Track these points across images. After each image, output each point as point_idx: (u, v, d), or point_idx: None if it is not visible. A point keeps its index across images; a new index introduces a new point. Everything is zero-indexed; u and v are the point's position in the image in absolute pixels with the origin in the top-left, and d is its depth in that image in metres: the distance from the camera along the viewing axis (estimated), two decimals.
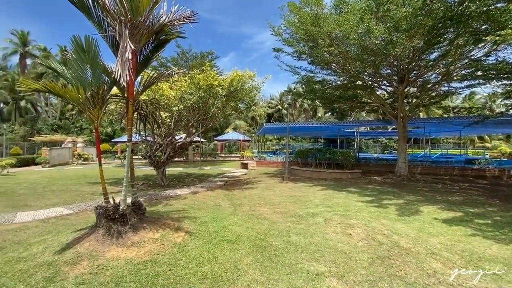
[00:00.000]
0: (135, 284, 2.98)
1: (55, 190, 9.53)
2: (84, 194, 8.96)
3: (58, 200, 8.06)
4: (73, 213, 6.44)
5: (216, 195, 8.78)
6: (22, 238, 4.79)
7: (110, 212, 3.93)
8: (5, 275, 3.16)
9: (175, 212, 6.16)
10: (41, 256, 3.58)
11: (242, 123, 42.20)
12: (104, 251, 3.58)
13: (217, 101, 10.35)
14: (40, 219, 5.94)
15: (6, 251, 4.06)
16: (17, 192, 9.25)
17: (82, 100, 3.45)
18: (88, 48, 3.56)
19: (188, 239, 4.26)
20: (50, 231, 5.12)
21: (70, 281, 2.96)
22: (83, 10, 3.84)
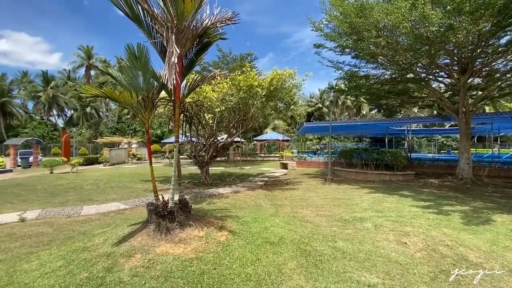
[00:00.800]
0: (182, 281, 3.07)
1: (114, 187, 10.60)
2: (137, 190, 9.77)
3: (116, 195, 8.92)
4: (129, 208, 7.04)
5: (257, 195, 8.79)
6: (87, 229, 5.39)
7: (159, 209, 4.16)
8: (72, 263, 3.54)
9: (218, 211, 6.31)
10: (101, 247, 3.95)
11: (281, 122, 41.91)
12: (155, 246, 3.79)
13: (257, 101, 10.38)
14: (101, 213, 6.63)
15: (73, 241, 4.59)
16: (84, 188, 10.52)
17: (135, 104, 3.72)
18: (140, 55, 3.82)
19: (231, 239, 4.28)
20: (109, 224, 5.67)
21: (126, 273, 3.19)
22: (135, 20, 4.13)
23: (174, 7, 3.76)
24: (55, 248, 4.30)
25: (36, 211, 6.60)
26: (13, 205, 7.47)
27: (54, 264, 3.54)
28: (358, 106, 46.23)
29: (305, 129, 20.53)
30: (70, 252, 3.89)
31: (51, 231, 5.29)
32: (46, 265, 3.55)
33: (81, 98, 44.00)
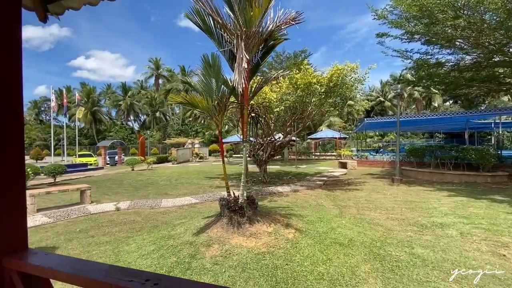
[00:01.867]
0: (257, 272, 3.27)
1: (184, 183, 11.76)
2: (204, 186, 10.65)
3: (186, 190, 9.90)
4: (199, 202, 7.75)
5: (317, 195, 8.64)
6: (167, 219, 6.14)
7: (231, 204, 4.48)
8: (162, 248, 4.10)
9: (281, 209, 6.43)
10: (183, 236, 4.47)
11: (337, 119, 39.96)
12: (229, 238, 4.11)
13: (315, 98, 10.17)
14: (177, 206, 7.46)
15: (159, 229, 5.29)
16: (159, 183, 11.96)
17: (210, 108, 4.11)
18: (213, 63, 4.20)
19: (299, 237, 4.34)
20: (185, 216, 6.35)
21: (207, 260, 3.55)
22: (206, 32, 4.54)
23: (242, 15, 4.01)
24: (145, 234, 5.04)
25: (126, 202, 7.82)
26: (109, 197, 8.99)
27: (148, 248, 4.17)
28: (428, 98, 40.92)
29: (365, 125, 19.17)
30: (159, 239, 4.51)
31: (140, 220, 6.20)
32: (142, 248, 4.20)
33: (152, 104, 50.03)
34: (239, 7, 4.05)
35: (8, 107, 1.30)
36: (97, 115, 48.98)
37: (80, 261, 1.28)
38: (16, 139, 1.36)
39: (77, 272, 1.18)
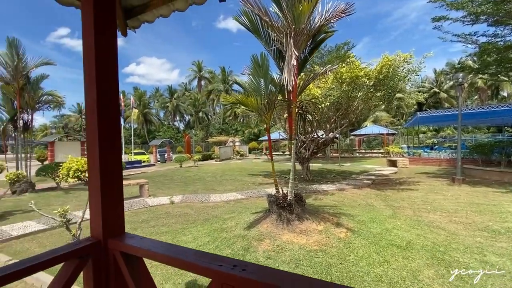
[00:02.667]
0: (311, 269, 3.27)
1: (228, 179, 12.23)
2: (247, 183, 10.93)
3: (231, 186, 10.27)
4: (244, 198, 7.99)
5: (365, 194, 8.23)
6: (217, 213, 6.47)
7: (280, 201, 4.54)
8: (216, 240, 4.35)
9: (328, 207, 6.29)
10: (235, 230, 4.67)
11: (384, 114, 37.24)
12: (280, 234, 4.18)
13: (361, 93, 9.66)
14: (224, 201, 7.80)
15: (211, 222, 5.61)
16: (206, 179, 12.62)
17: (259, 107, 4.22)
18: (262, 63, 4.28)
19: (352, 237, 4.21)
20: (233, 210, 6.61)
21: (260, 254, 3.67)
22: (254, 32, 4.64)
23: (290, 12, 4.01)
24: (199, 226, 5.39)
25: (179, 196, 8.44)
26: (163, 191, 9.80)
27: (204, 239, 4.46)
28: (495, 87, 35.68)
29: (418, 119, 17.54)
30: (212, 231, 4.79)
31: (192, 213, 6.65)
32: (198, 239, 4.51)
33: (195, 105, 52.80)
34: (287, 4, 4.06)
35: (113, 112, 1.54)
36: (148, 116, 53.45)
37: (169, 245, 1.45)
38: (118, 138, 1.59)
39: (169, 253, 1.35)
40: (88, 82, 1.51)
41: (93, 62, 1.47)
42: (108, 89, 1.54)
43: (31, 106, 9.86)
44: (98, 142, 1.47)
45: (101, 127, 1.48)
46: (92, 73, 1.48)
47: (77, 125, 54.36)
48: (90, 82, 1.50)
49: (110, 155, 1.54)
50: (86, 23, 1.52)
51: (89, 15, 1.49)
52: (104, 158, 1.50)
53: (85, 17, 1.54)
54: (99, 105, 1.48)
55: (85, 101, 1.56)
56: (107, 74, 1.54)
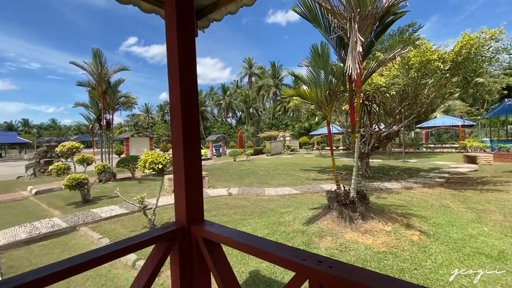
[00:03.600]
0: (381, 272, 3.03)
1: (281, 174, 12.24)
2: (301, 178, 10.76)
3: (284, 181, 10.26)
4: (299, 193, 7.89)
5: (439, 194, 7.26)
6: (273, 207, 6.53)
7: (341, 197, 4.32)
8: (276, 233, 4.39)
9: (395, 207, 5.75)
10: (293, 224, 4.64)
11: (458, 103, 32.13)
12: (342, 232, 3.99)
13: (432, 80, 8.47)
14: (279, 195, 7.83)
15: (268, 215, 5.68)
16: (259, 173, 12.88)
17: (319, 99, 4.05)
18: (322, 53, 4.09)
19: (427, 241, 3.76)
20: (288, 205, 6.59)
21: (322, 251, 3.56)
22: (313, 21, 4.45)
23: None
24: (257, 218, 5.52)
25: (236, 189, 8.80)
26: (221, 183, 10.35)
27: (263, 231, 4.54)
28: None
29: (507, 107, 14.63)
30: (271, 224, 4.85)
31: (249, 205, 6.85)
32: (257, 231, 4.63)
33: (246, 101, 54.22)
34: None
35: (194, 109, 1.65)
36: (204, 114, 57.10)
37: (247, 234, 1.49)
38: (197, 134, 1.70)
39: (249, 242, 1.38)
40: (172, 81, 1.64)
41: (176, 63, 1.58)
42: (190, 88, 1.65)
43: (111, 107, 11.48)
44: (183, 137, 1.59)
45: (184, 123, 1.60)
46: (175, 72, 1.59)
47: (145, 123, 61.27)
48: (174, 81, 1.62)
49: (192, 148, 1.65)
50: (169, 27, 1.64)
51: (172, 20, 1.60)
52: (187, 151, 1.62)
53: (168, 21, 1.67)
54: (183, 102, 1.59)
55: (170, 98, 1.70)
56: (189, 73, 1.64)
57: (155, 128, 56.44)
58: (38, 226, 5.44)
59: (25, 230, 5.25)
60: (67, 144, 8.53)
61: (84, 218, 5.95)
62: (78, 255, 1.24)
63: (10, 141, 40.62)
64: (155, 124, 61.63)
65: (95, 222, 5.80)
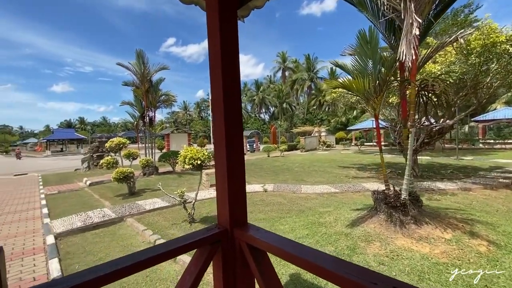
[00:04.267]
0: (442, 286, 2.65)
1: (317, 171, 11.81)
2: (339, 176, 10.24)
3: (321, 178, 9.85)
4: (339, 192, 7.48)
5: (505, 197, 6.31)
6: (311, 205, 6.26)
7: (391, 199, 3.92)
8: (316, 235, 4.15)
9: (452, 211, 5.10)
10: (335, 226, 4.36)
11: None
12: (392, 238, 3.61)
13: (496, 65, 7.30)
14: (317, 193, 7.51)
15: (307, 214, 5.45)
16: (293, 169, 12.59)
17: (367, 90, 3.68)
18: (370, 39, 3.70)
19: (498, 253, 3.21)
20: (328, 204, 6.26)
21: (370, 258, 3.25)
22: (359, 5, 4.06)
23: None
24: (294, 217, 5.33)
25: (271, 185, 8.68)
26: (255, 179, 10.33)
27: (302, 231, 4.34)
28: None
29: None
30: (310, 224, 4.63)
31: (285, 202, 6.67)
32: (295, 230, 4.44)
33: (279, 96, 53.66)
34: None
35: (236, 106, 1.53)
36: None
37: (297, 244, 1.32)
38: (241, 132, 1.58)
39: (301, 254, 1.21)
40: (214, 75, 1.52)
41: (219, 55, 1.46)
42: (233, 81, 1.53)
43: (153, 105, 12.14)
44: (225, 134, 1.48)
45: (227, 120, 1.48)
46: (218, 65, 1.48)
47: (184, 119, 64.27)
48: (216, 75, 1.51)
49: (235, 147, 1.53)
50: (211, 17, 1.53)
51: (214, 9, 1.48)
52: (230, 150, 1.50)
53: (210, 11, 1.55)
54: (225, 97, 1.47)
55: (211, 94, 1.59)
56: (232, 65, 1.52)
57: (192, 125, 58.89)
58: (91, 216, 5.93)
59: (80, 219, 5.76)
60: (115, 140, 9.21)
61: (130, 209, 6.35)
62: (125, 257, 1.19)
63: (69, 137, 45.94)
64: (192, 121, 64.34)
65: (139, 214, 6.14)
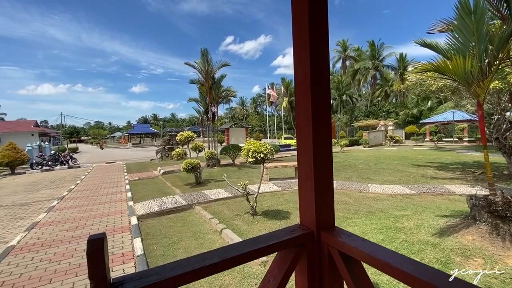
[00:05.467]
0: None
1: (385, 169, 10.65)
2: (414, 175, 9.01)
3: (392, 177, 8.82)
4: (415, 194, 6.54)
5: None
6: (382, 207, 5.62)
7: (497, 207, 3.15)
8: (394, 241, 3.66)
9: None
10: (417, 233, 3.77)
11: None
12: (500, 255, 2.91)
13: None
14: (388, 193, 6.73)
15: (378, 217, 4.90)
16: (357, 166, 11.65)
17: (468, 72, 2.98)
18: (475, 8, 2.96)
19: None
20: (403, 207, 5.52)
21: (471, 277, 2.67)
22: None
23: None
24: (364, 218, 4.85)
25: (333, 182, 8.17)
26: None
27: (377, 236, 3.89)
28: None
29: None
30: (385, 229, 4.12)
31: (351, 202, 6.17)
32: (367, 234, 4.01)
33: (338, 88, 50.60)
34: None
35: (326, 95, 1.33)
36: (294, 103, 57.09)
37: (410, 260, 1.07)
38: (329, 124, 1.37)
39: (421, 275, 0.96)
40: (299, 53, 1.35)
41: (307, 30, 1.28)
42: (322, 65, 1.33)
43: (216, 100, 12.79)
44: (312, 124, 1.30)
45: (314, 108, 1.29)
46: (305, 40, 1.29)
47: (241, 115, 66.65)
48: (302, 55, 1.33)
49: (323, 139, 1.33)
50: None
51: None
52: (317, 142, 1.32)
53: None
54: (313, 80, 1.28)
55: (295, 76, 1.43)
56: (322, 46, 1.32)
57: (248, 119, 60.57)
58: (165, 202, 6.57)
59: (156, 203, 6.43)
60: (185, 133, 10.02)
61: (197, 198, 6.80)
62: (212, 252, 1.14)
63: (145, 131, 52.93)
64: (248, 116, 66.18)
65: (206, 203, 6.52)
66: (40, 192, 9.37)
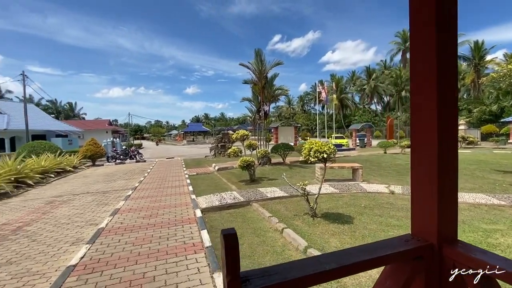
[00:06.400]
0: None
1: (460, 174, 9.31)
2: (498, 183, 7.70)
3: (469, 184, 7.68)
4: (506, 205, 5.56)
5: None
6: (464, 219, 4.92)
7: None
8: None
9: None
10: None
11: None
12: None
13: None
14: (468, 203, 5.86)
15: (463, 230, 4.30)
16: None
17: None
18: None
19: None
20: (493, 220, 4.74)
21: None
22: None
23: None
24: None
25: (398, 187, 7.48)
26: (375, 178, 9.21)
27: None
28: None
29: None
30: (472, 243, 3.57)
31: None
32: None
33: (396, 84, 46.24)
34: None
35: (454, 88, 1.15)
36: (344, 101, 54.21)
37: None
38: (456, 122, 1.19)
39: None
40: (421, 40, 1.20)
41: (433, 13, 1.13)
42: (449, 51, 1.16)
43: (268, 99, 12.88)
44: (437, 122, 1.14)
45: (441, 102, 1.13)
46: (431, 25, 1.14)
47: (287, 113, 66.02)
48: (428, 45, 1.18)
49: (449, 139, 1.16)
50: None
51: None
52: (442, 143, 1.16)
53: None
54: (440, 71, 1.13)
55: (411, 67, 1.28)
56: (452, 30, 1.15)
57: (295, 118, 59.61)
58: (224, 197, 6.85)
59: (217, 198, 6.76)
60: (240, 132, 10.34)
61: (254, 195, 6.93)
62: (328, 256, 1.09)
63: (198, 130, 56.51)
64: (295, 114, 65.19)
65: (262, 200, 6.60)
66: (117, 182, 10.73)
